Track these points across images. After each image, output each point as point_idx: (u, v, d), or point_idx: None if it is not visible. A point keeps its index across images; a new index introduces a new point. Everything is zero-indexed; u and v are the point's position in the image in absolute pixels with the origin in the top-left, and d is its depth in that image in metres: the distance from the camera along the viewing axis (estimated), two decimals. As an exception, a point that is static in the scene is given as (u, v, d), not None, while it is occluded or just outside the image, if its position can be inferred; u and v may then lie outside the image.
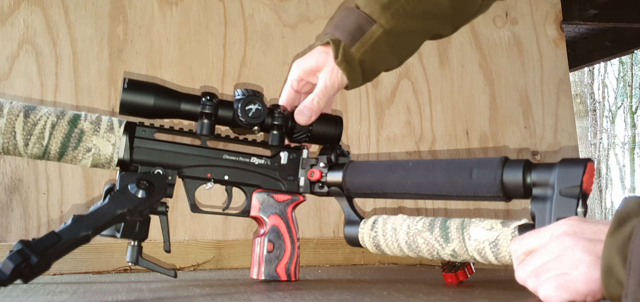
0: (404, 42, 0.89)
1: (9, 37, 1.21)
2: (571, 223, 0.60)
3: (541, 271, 0.59)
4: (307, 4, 1.47)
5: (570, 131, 1.71)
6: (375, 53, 0.86)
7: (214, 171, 0.88)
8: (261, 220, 0.90)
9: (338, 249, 1.38)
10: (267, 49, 1.41)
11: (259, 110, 0.87)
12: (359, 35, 0.85)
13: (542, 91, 1.70)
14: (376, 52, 0.85)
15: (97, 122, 0.82)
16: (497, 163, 0.72)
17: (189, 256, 1.25)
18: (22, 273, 0.59)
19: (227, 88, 1.36)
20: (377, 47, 0.85)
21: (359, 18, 0.85)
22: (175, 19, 1.34)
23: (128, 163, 0.83)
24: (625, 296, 0.52)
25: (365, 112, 1.49)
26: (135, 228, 0.79)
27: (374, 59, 0.86)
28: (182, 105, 0.86)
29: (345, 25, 0.86)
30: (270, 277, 0.88)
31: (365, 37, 0.85)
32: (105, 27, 1.28)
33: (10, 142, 0.78)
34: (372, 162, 0.86)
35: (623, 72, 11.87)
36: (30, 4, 1.23)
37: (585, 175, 0.65)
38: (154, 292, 0.78)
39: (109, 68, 1.27)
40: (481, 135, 1.61)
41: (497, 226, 0.71)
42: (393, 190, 0.82)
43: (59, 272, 1.11)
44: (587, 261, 0.56)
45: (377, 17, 0.84)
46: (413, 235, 0.78)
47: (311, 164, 0.91)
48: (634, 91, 11.71)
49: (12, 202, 1.17)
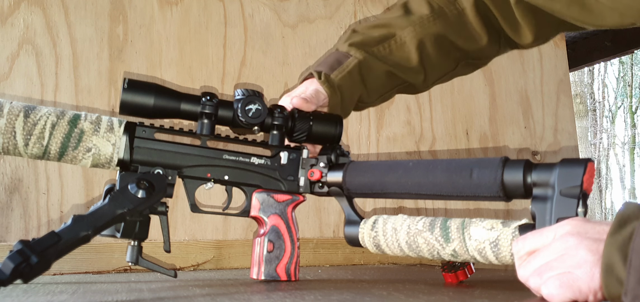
0: (376, 78, 0.98)
1: (9, 37, 1.21)
2: (575, 223, 0.60)
3: (544, 270, 0.59)
4: (307, 4, 1.47)
5: (570, 131, 1.71)
6: (351, 80, 0.96)
7: (214, 171, 0.88)
8: (261, 220, 0.90)
9: (338, 249, 1.38)
10: (267, 49, 1.41)
11: (259, 110, 0.87)
12: (337, 66, 0.96)
13: (542, 91, 1.70)
14: (351, 79, 0.96)
15: (97, 122, 0.82)
16: (497, 163, 0.72)
17: (189, 256, 1.25)
18: (22, 273, 0.59)
19: (227, 88, 1.36)
20: (352, 74, 0.96)
21: (337, 55, 0.98)
22: (175, 19, 1.34)
23: (128, 163, 0.83)
24: (625, 293, 0.53)
25: (365, 112, 1.49)
26: (135, 228, 0.79)
27: (349, 85, 0.96)
28: (182, 105, 0.86)
29: (326, 61, 0.98)
30: (270, 277, 0.88)
31: (342, 66, 0.96)
32: (105, 27, 1.28)
33: (10, 142, 0.78)
34: (372, 162, 0.86)
35: (623, 72, 11.87)
36: (30, 4, 1.23)
37: (585, 175, 0.65)
38: (154, 292, 0.78)
39: (109, 68, 1.27)
40: (481, 136, 1.61)
41: (498, 225, 0.71)
42: (393, 190, 0.82)
43: (59, 272, 1.11)
44: (591, 260, 0.56)
45: (353, 52, 0.97)
46: (413, 235, 0.78)
47: (311, 164, 0.91)
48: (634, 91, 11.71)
49: (12, 202, 1.17)
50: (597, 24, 0.88)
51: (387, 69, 0.98)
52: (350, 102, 0.98)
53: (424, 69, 1.00)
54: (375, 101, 1.03)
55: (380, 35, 0.98)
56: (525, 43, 1.00)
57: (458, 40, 0.99)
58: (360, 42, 0.98)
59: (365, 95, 1.00)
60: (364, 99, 1.00)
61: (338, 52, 0.98)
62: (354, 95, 0.98)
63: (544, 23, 0.95)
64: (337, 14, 1.50)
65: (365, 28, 1.01)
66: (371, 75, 0.97)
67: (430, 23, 0.98)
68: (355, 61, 0.96)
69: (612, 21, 0.85)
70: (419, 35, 0.97)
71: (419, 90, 1.06)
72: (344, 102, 0.97)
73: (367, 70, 0.97)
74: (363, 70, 0.96)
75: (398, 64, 0.98)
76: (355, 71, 0.96)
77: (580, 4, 0.86)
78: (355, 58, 0.96)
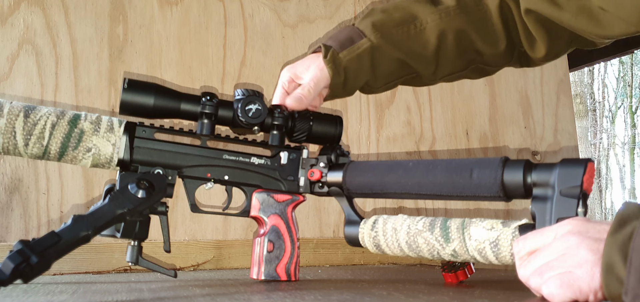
0: (386, 64, 0.95)
1: (9, 37, 1.21)
2: (576, 223, 0.60)
3: (545, 269, 0.59)
4: (307, 4, 1.47)
5: (570, 131, 1.71)
6: (360, 63, 0.93)
7: (214, 171, 0.88)
8: (261, 220, 0.90)
9: (338, 249, 1.38)
10: (267, 49, 1.41)
11: (259, 110, 0.87)
12: (348, 44, 0.93)
13: (542, 91, 1.70)
14: (360, 62, 0.93)
15: (97, 122, 0.82)
16: (497, 163, 0.72)
17: (189, 256, 1.25)
18: (22, 273, 0.59)
19: (227, 88, 1.36)
20: (361, 58, 0.93)
21: (351, 32, 0.94)
22: (175, 19, 1.34)
23: (128, 163, 0.83)
24: (625, 292, 0.53)
25: (365, 112, 1.49)
26: (135, 228, 0.79)
27: (357, 68, 0.93)
28: (182, 105, 0.86)
29: (338, 36, 0.95)
30: (270, 277, 0.88)
31: (353, 46, 0.93)
32: (105, 27, 1.28)
33: (10, 142, 0.78)
34: (372, 162, 0.86)
35: (623, 72, 11.88)
36: (30, 4, 1.23)
37: (585, 175, 0.65)
38: (154, 292, 0.78)
39: (109, 68, 1.27)
40: (481, 136, 1.61)
41: (498, 226, 0.71)
42: (393, 190, 0.82)
43: (59, 272, 1.11)
44: (592, 260, 0.56)
45: (368, 33, 0.93)
46: (413, 235, 0.78)
47: (311, 164, 0.91)
48: (634, 91, 11.71)
49: (12, 202, 1.17)
50: (605, 34, 0.88)
51: (400, 56, 0.95)
52: (355, 85, 0.96)
53: (437, 61, 0.97)
54: (380, 88, 1.00)
55: (401, 17, 0.95)
56: (538, 56, 0.98)
57: (478, 40, 0.97)
58: (379, 21, 0.94)
59: (372, 80, 0.97)
60: (370, 83, 0.98)
61: (353, 28, 0.95)
62: (360, 79, 0.95)
63: (555, 37, 0.94)
64: (337, 14, 1.50)
65: (387, 7, 0.97)
66: (381, 61, 0.94)
67: (455, 15, 0.95)
68: (367, 44, 0.92)
69: (619, 30, 0.85)
70: (442, 25, 0.95)
71: (425, 83, 1.04)
72: (348, 83, 0.94)
73: (379, 55, 0.94)
74: (375, 55, 0.93)
75: (412, 51, 0.95)
76: (365, 55, 0.93)
77: (588, 14, 0.86)
78: (369, 41, 0.93)
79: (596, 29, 0.88)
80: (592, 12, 0.86)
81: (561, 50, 0.99)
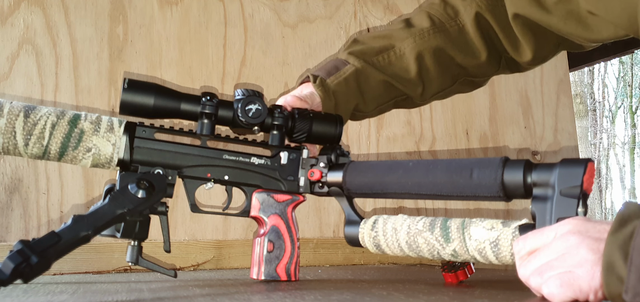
0: (373, 87, 0.99)
1: (9, 37, 1.21)
2: (576, 222, 0.60)
3: (545, 269, 0.59)
4: (307, 4, 1.47)
5: (570, 131, 1.71)
6: (347, 86, 0.97)
7: (214, 171, 0.88)
8: (261, 220, 0.90)
9: (338, 249, 1.38)
10: (267, 49, 1.41)
11: (259, 110, 0.87)
12: (334, 71, 0.98)
13: (542, 91, 1.70)
14: (347, 86, 0.97)
15: (97, 122, 0.82)
16: (497, 163, 0.72)
17: (189, 256, 1.25)
18: (22, 273, 0.59)
19: (227, 88, 1.36)
20: (348, 81, 0.97)
21: (336, 61, 1.00)
22: (175, 19, 1.34)
23: (128, 163, 0.83)
24: (625, 290, 0.53)
25: (365, 112, 1.49)
26: (135, 228, 0.79)
27: (345, 92, 0.97)
28: (182, 105, 0.86)
29: (324, 67, 1.00)
30: (270, 277, 0.88)
31: (339, 72, 0.98)
32: (105, 27, 1.28)
33: (11, 142, 0.78)
34: (372, 162, 0.86)
35: (623, 72, 11.88)
36: (30, 4, 1.23)
37: (585, 175, 0.65)
38: (154, 292, 0.78)
39: (109, 68, 1.27)
40: (481, 135, 1.61)
41: (498, 225, 0.71)
42: (393, 190, 0.82)
43: (59, 272, 1.11)
44: (592, 259, 0.56)
45: (351, 61, 0.98)
46: (413, 235, 0.77)
47: (311, 164, 0.91)
48: (634, 91, 11.71)
49: (12, 202, 1.17)
50: (594, 38, 0.89)
51: (385, 78, 0.99)
52: (346, 109, 0.99)
53: (422, 82, 1.01)
54: (372, 111, 1.04)
55: (380, 46, 1.00)
56: (525, 60, 1.00)
57: (457, 55, 1.00)
58: (359, 51, 0.99)
59: (361, 104, 1.01)
60: (360, 108, 1.01)
61: (337, 59, 1.00)
62: (349, 103, 0.99)
63: (543, 40, 0.96)
64: (337, 14, 1.50)
65: (366, 38, 1.02)
66: (368, 85, 0.99)
67: (430, 36, 0.99)
68: (352, 69, 0.97)
69: (608, 34, 0.86)
70: (418, 47, 0.99)
71: (416, 104, 1.07)
72: (339, 108, 0.98)
73: (364, 79, 0.98)
74: (360, 78, 0.98)
75: (396, 75, 0.99)
76: (351, 79, 0.97)
77: (576, 18, 0.87)
78: (353, 66, 0.97)
79: (585, 33, 0.88)
80: (580, 16, 0.87)
81: (549, 54, 1.01)
